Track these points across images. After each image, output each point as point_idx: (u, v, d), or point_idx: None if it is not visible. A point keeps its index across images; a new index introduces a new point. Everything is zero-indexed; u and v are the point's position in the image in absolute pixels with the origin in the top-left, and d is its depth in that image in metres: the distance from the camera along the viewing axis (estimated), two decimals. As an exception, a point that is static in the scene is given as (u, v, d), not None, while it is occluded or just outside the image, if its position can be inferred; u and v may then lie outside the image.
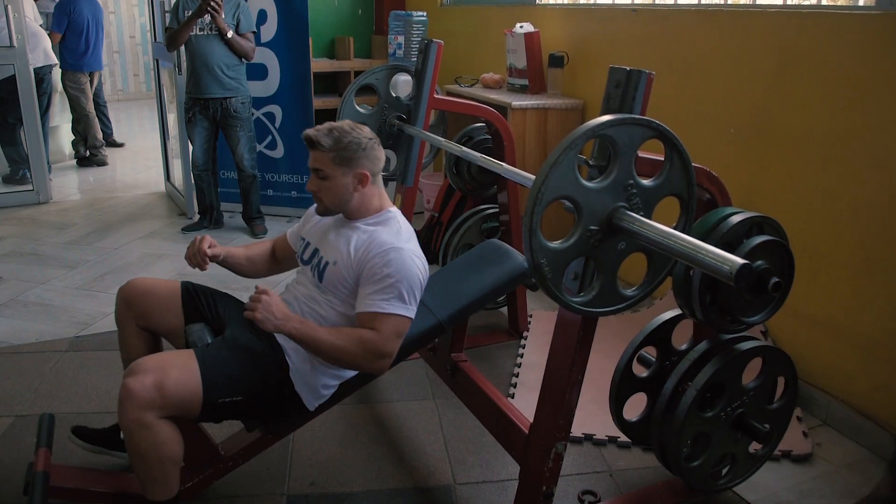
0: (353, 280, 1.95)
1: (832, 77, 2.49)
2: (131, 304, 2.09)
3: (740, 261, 1.21)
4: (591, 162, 1.68)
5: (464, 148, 2.58)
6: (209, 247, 2.09)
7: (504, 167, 2.11)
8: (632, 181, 1.47)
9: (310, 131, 1.94)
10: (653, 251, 1.58)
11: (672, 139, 1.48)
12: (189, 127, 4.52)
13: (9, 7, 4.97)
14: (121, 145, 7.58)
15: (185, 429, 2.03)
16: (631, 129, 1.42)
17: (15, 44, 5.09)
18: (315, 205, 2.08)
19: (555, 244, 1.42)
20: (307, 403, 1.98)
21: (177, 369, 1.79)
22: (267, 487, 2.25)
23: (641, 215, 1.49)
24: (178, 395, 1.77)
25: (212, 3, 4.10)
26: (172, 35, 4.30)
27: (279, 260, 2.30)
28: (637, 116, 1.43)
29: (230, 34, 4.23)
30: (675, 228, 1.56)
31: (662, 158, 1.84)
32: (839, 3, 2.85)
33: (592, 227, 1.46)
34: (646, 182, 1.50)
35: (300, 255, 2.16)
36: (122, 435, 1.88)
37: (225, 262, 2.18)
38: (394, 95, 2.92)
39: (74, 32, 6.36)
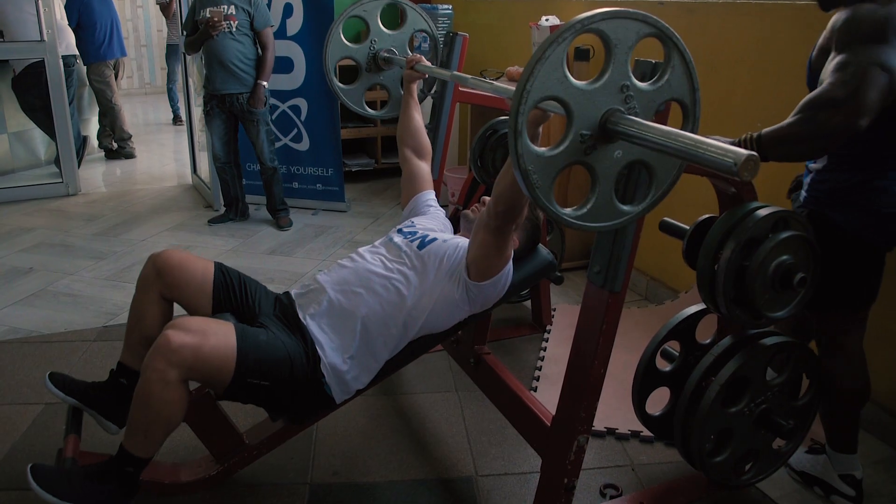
0: (449, 265, 2.04)
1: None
2: (162, 273, 2.08)
3: (744, 152, 1.08)
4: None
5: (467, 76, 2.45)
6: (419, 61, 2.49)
7: (495, 85, 2.01)
8: (628, 83, 1.33)
9: None
10: (652, 159, 1.43)
11: (671, 37, 1.35)
12: (208, 121, 4.58)
13: (39, 2, 5.05)
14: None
15: (211, 417, 2.06)
16: (625, 24, 1.28)
17: (45, 37, 5.17)
18: (429, 194, 2.45)
19: (544, 150, 1.29)
20: (335, 397, 1.99)
21: (216, 338, 1.79)
22: (290, 477, 2.28)
23: None
24: (211, 364, 1.78)
25: (211, 30, 4.26)
26: (189, 43, 4.45)
27: (417, 153, 2.53)
28: (631, 10, 1.28)
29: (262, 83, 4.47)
30: None
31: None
32: None
33: (585, 133, 1.31)
34: (643, 84, 1.35)
35: (400, 226, 2.27)
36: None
37: (409, 86, 2.55)
38: (383, 29, 2.83)
39: (88, 26, 6.42)
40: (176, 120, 8.67)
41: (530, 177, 1.28)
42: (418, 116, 2.54)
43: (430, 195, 2.45)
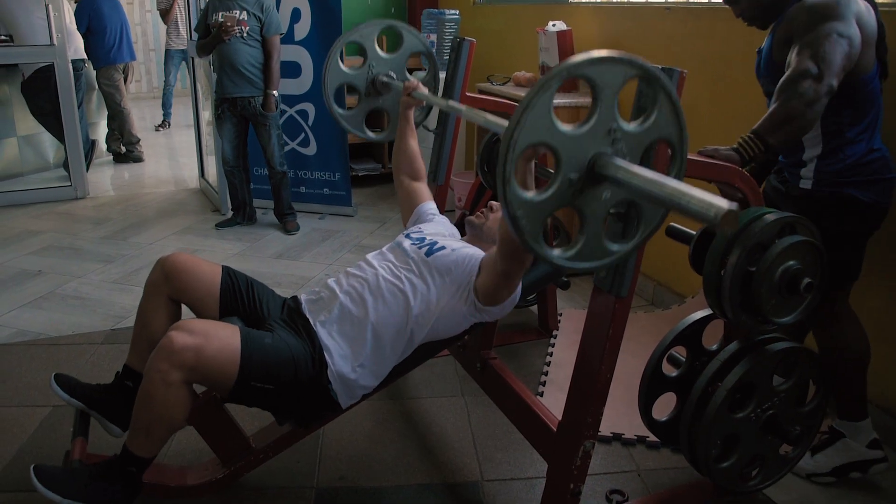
0: (457, 277, 2.04)
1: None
2: (171, 276, 2.09)
3: (726, 205, 1.07)
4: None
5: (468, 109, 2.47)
6: (415, 88, 2.48)
7: (489, 118, 2.02)
8: (615, 125, 1.32)
9: None
10: (640, 200, 1.44)
11: (657, 78, 1.34)
12: (219, 124, 4.60)
13: (49, 6, 5.08)
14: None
15: (217, 421, 2.06)
16: (612, 68, 1.28)
17: (55, 42, 5.20)
18: (430, 205, 2.45)
19: (532, 195, 1.30)
20: (341, 402, 1.99)
21: (219, 340, 1.80)
22: (297, 481, 2.28)
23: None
24: (214, 366, 1.78)
25: (224, 35, 4.28)
26: (201, 47, 4.49)
27: (412, 177, 2.53)
28: (617, 55, 1.27)
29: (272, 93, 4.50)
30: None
31: (693, 157, 1.83)
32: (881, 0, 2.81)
33: (573, 176, 1.31)
34: (630, 126, 1.35)
35: (408, 231, 2.28)
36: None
37: (405, 113, 2.54)
38: (380, 53, 2.83)
39: (99, 31, 6.46)
40: (161, 126, 8.68)
41: (519, 221, 1.29)
42: (414, 142, 2.55)
43: (431, 206, 2.46)
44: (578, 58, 1.24)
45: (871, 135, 2.10)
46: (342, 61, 2.78)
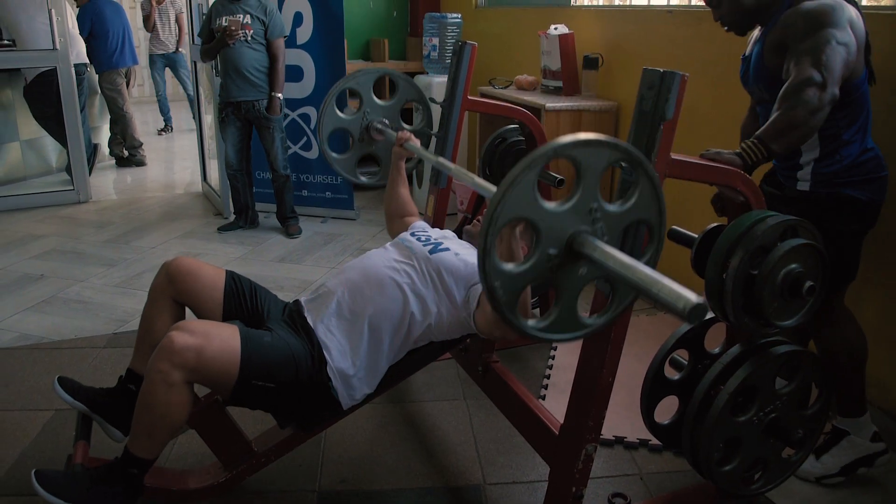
0: (456, 289, 2.05)
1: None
2: (174, 279, 2.10)
3: (694, 299, 1.13)
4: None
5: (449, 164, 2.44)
6: (408, 140, 2.51)
7: (476, 181, 2.04)
8: (596, 205, 1.36)
9: None
10: (614, 281, 1.49)
11: (640, 162, 1.38)
12: (222, 127, 4.61)
13: (52, 11, 5.09)
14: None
15: (219, 424, 2.07)
16: (597, 150, 1.32)
17: (58, 46, 5.21)
18: (422, 223, 2.46)
19: (510, 267, 1.33)
20: (342, 401, 1.99)
21: (220, 340, 1.81)
22: (298, 484, 2.28)
23: (605, 241, 1.39)
24: (215, 366, 1.79)
25: (228, 39, 4.29)
26: (205, 51, 4.50)
27: (402, 216, 2.57)
28: (602, 138, 1.31)
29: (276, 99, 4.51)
30: (642, 256, 1.51)
31: (695, 160, 1.84)
32: (883, 3, 2.81)
33: (552, 251, 1.35)
34: (611, 206, 1.39)
35: (413, 231, 2.31)
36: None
37: (397, 163, 2.57)
38: (375, 100, 2.87)
39: (101, 35, 6.48)
40: (164, 130, 8.68)
41: (496, 292, 1.32)
42: (405, 190, 2.59)
43: (423, 223, 2.49)
44: (566, 139, 1.28)
45: (864, 135, 2.14)
46: (339, 109, 2.85)
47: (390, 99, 2.90)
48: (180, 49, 7.87)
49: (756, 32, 2.31)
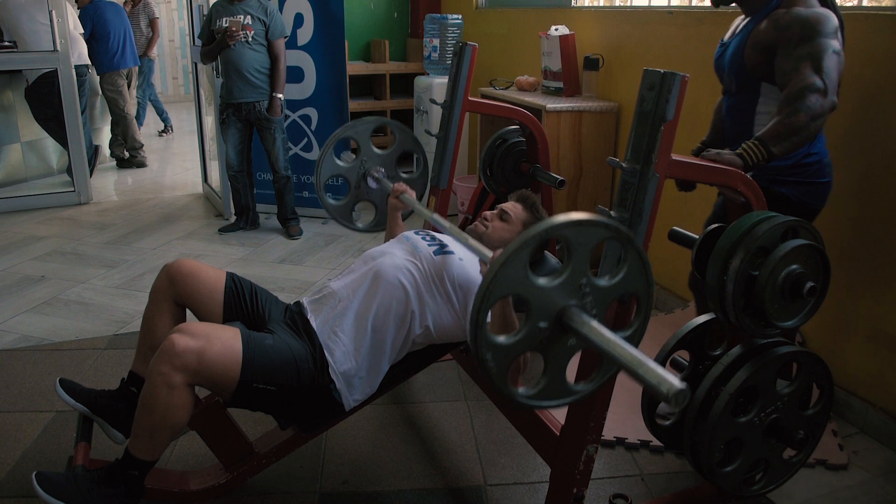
0: (455, 295, 2.06)
1: (871, 79, 2.46)
2: (175, 281, 2.11)
3: (678, 384, 1.16)
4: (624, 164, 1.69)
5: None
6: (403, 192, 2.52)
7: (471, 244, 2.06)
8: (585, 280, 1.41)
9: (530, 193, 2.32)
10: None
11: (629, 239, 1.42)
12: (223, 129, 4.61)
13: (53, 12, 5.09)
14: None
15: (220, 426, 2.06)
16: (587, 230, 1.37)
17: (58, 48, 5.21)
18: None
19: (501, 339, 1.37)
20: (344, 403, 2.00)
21: (221, 343, 1.82)
22: (300, 485, 2.28)
23: (594, 314, 1.43)
24: (216, 369, 1.79)
25: (229, 40, 4.29)
26: (205, 53, 4.50)
27: None
28: (593, 218, 1.36)
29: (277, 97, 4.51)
30: (628, 329, 1.53)
31: (696, 160, 1.84)
32: (883, 4, 2.81)
33: (542, 325, 1.39)
34: (601, 281, 1.43)
35: (417, 231, 2.30)
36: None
37: (394, 214, 2.58)
38: (373, 149, 2.89)
39: (102, 36, 6.48)
40: (164, 131, 8.64)
41: (487, 364, 1.36)
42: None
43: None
44: (559, 219, 1.33)
45: (813, 140, 2.13)
46: (337, 157, 2.88)
47: (388, 149, 2.94)
48: (149, 54, 7.75)
49: (739, 21, 2.31)
